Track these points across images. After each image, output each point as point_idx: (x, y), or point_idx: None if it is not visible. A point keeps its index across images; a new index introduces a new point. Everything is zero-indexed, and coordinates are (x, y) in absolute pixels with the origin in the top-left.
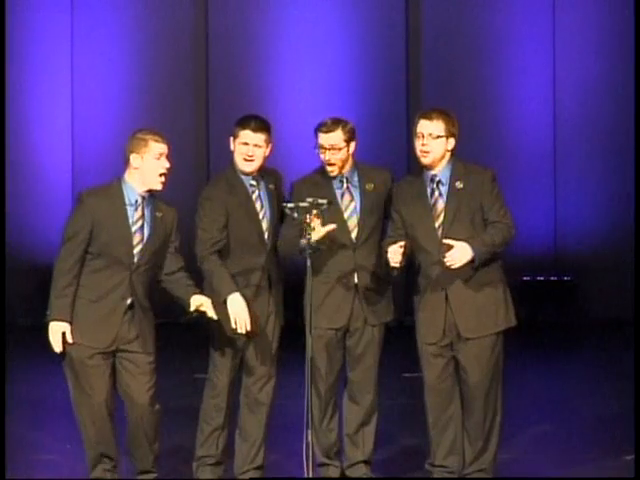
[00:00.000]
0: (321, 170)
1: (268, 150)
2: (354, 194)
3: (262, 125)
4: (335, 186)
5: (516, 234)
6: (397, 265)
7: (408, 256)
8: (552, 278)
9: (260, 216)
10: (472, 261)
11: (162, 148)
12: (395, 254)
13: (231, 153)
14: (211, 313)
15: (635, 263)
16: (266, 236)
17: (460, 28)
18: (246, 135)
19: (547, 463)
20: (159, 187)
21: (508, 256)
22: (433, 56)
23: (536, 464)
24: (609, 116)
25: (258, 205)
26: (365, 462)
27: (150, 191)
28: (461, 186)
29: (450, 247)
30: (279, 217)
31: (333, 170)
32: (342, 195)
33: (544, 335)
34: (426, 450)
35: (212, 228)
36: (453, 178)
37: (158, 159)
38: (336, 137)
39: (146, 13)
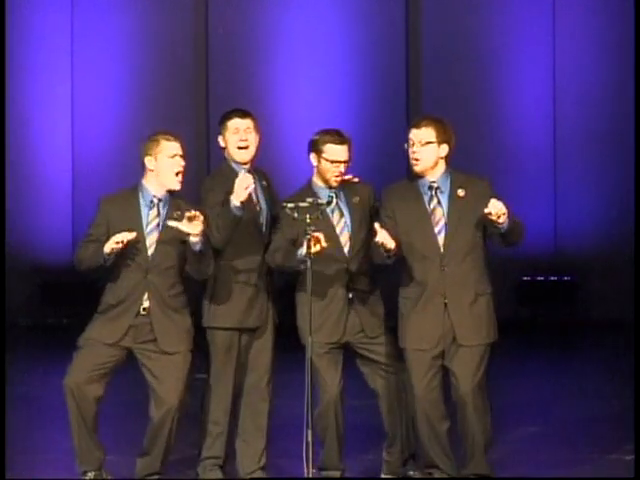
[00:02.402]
0: (307, 188)
1: (258, 139)
2: (343, 209)
3: (247, 112)
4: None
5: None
6: (391, 252)
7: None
8: (552, 278)
9: (257, 208)
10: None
11: (175, 147)
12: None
13: (223, 151)
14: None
15: (635, 263)
16: (263, 229)
17: (460, 29)
18: (235, 123)
19: (546, 463)
20: (177, 186)
21: (508, 256)
22: (433, 57)
23: (535, 464)
24: (609, 116)
25: (254, 198)
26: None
27: (169, 192)
28: (463, 194)
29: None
30: (271, 216)
31: (337, 180)
32: (332, 211)
33: (544, 335)
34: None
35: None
36: (454, 186)
37: (172, 157)
38: (346, 149)
39: (146, 13)
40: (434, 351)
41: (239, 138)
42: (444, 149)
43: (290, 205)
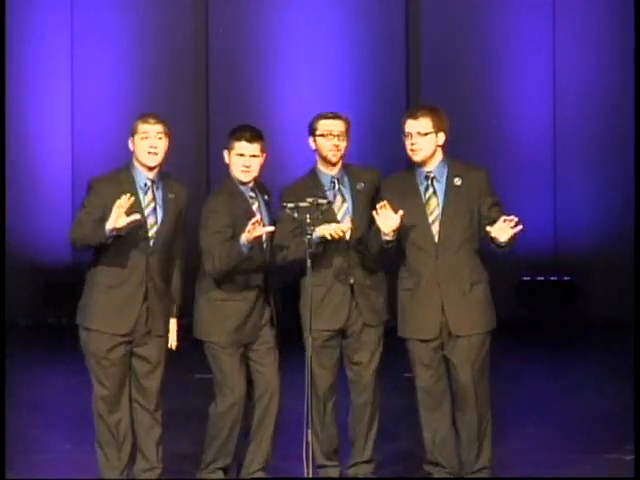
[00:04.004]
0: (310, 174)
1: (263, 159)
2: (345, 195)
3: (256, 135)
4: (326, 188)
5: None
6: (389, 237)
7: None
8: (552, 278)
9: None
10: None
11: (147, 128)
12: (387, 219)
13: (227, 166)
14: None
15: (635, 263)
16: (265, 246)
17: (460, 27)
18: (242, 147)
19: (546, 463)
20: (151, 163)
21: (508, 256)
22: (433, 57)
23: (535, 464)
24: (609, 116)
25: (258, 216)
26: (366, 462)
27: (157, 172)
28: (459, 183)
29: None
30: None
31: (335, 155)
32: (334, 196)
33: (544, 335)
34: (423, 451)
35: (217, 242)
36: (451, 175)
37: (142, 139)
38: (341, 124)
39: (146, 13)
40: (435, 342)
41: (242, 163)
42: (441, 138)
43: (290, 205)
